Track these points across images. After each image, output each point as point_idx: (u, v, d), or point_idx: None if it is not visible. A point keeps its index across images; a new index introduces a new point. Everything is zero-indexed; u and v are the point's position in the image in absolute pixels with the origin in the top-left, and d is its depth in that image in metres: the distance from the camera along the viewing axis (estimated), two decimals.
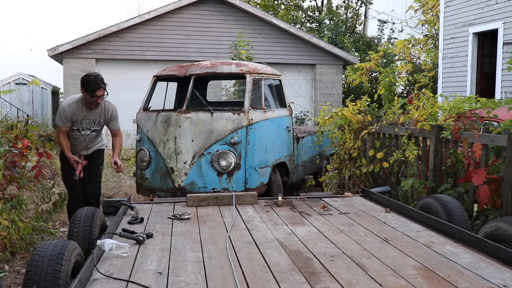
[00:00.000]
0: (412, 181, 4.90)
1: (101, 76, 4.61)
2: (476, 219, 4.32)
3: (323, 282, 2.44)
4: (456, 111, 5.26)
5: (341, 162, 6.57)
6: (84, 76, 4.59)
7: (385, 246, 3.06)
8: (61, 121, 4.70)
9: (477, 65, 11.63)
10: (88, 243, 3.10)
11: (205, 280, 2.47)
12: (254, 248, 3.02)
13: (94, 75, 4.56)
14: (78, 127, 4.78)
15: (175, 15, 14.15)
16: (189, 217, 3.83)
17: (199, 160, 5.43)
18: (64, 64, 13.63)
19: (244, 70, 5.89)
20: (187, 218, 3.82)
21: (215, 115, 5.52)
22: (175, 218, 3.83)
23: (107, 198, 6.94)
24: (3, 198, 4.61)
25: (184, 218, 3.82)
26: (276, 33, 14.79)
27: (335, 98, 15.00)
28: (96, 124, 4.87)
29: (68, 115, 4.67)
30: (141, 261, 2.76)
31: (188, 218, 3.82)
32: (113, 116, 4.93)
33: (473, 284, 2.40)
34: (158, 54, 13.94)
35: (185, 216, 3.84)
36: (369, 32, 23.31)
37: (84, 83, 4.54)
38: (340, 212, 4.02)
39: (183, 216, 3.84)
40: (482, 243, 2.91)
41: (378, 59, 11.96)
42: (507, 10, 10.50)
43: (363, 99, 6.57)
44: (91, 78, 4.51)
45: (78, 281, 2.25)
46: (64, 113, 4.67)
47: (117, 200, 4.14)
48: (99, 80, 4.52)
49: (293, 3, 24.51)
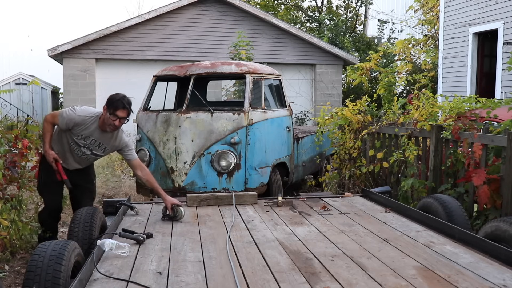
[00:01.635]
0: (412, 181, 4.90)
1: (129, 99, 4.11)
2: (476, 219, 4.32)
3: (323, 282, 2.44)
4: (456, 111, 5.26)
5: (341, 162, 6.57)
6: (113, 94, 4.13)
7: (385, 246, 3.06)
8: (63, 122, 4.11)
9: (477, 65, 11.63)
10: (88, 243, 3.10)
11: (205, 280, 2.47)
12: (254, 248, 3.02)
13: (122, 94, 4.10)
14: (79, 142, 4.19)
15: (175, 15, 14.15)
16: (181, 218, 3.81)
17: (199, 160, 5.43)
18: (64, 64, 13.63)
19: (244, 70, 5.90)
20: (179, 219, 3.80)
21: (215, 115, 5.52)
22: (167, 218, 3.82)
23: (107, 198, 6.93)
24: (3, 198, 4.60)
25: (177, 218, 3.80)
26: (276, 33, 14.78)
27: (335, 98, 15.00)
28: (101, 149, 4.26)
29: (74, 124, 4.10)
30: (141, 261, 2.76)
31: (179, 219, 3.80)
32: (125, 146, 4.25)
33: (473, 284, 2.40)
34: (158, 54, 13.94)
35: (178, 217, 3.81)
36: (369, 32, 23.31)
37: (109, 99, 4.07)
38: (340, 212, 4.02)
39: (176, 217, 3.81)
40: (482, 243, 2.91)
41: (378, 59, 11.94)
42: (507, 10, 10.50)
43: (363, 99, 6.57)
44: (119, 95, 4.06)
45: (78, 281, 2.25)
46: (73, 120, 4.10)
47: (117, 200, 4.14)
48: (126, 100, 4.05)
49: (293, 3, 24.51)
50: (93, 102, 13.60)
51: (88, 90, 13.58)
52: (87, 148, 4.22)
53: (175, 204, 3.88)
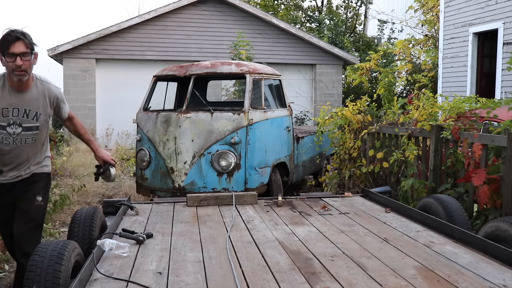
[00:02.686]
0: (412, 181, 4.90)
1: (24, 30, 3.05)
2: (476, 219, 4.31)
3: (323, 282, 2.44)
4: (456, 111, 5.26)
5: (341, 162, 6.57)
6: None
7: (385, 246, 3.06)
8: None
9: (477, 65, 11.63)
10: (88, 243, 3.09)
11: (205, 280, 2.47)
12: (254, 248, 3.01)
13: (12, 28, 3.03)
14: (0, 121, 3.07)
15: (175, 15, 14.15)
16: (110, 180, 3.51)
17: (199, 160, 5.43)
18: (64, 64, 13.63)
19: (244, 70, 5.90)
20: (109, 181, 3.53)
21: (215, 115, 5.52)
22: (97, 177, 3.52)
23: (107, 198, 6.94)
24: None
25: (106, 180, 3.51)
26: (276, 33, 14.79)
27: (335, 98, 15.00)
28: (32, 117, 3.13)
29: None
30: (141, 261, 2.76)
31: (109, 181, 3.52)
32: (59, 100, 3.28)
33: (473, 284, 2.40)
34: (158, 54, 13.94)
35: (107, 179, 3.49)
36: (369, 32, 23.32)
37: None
38: (340, 212, 4.01)
39: (106, 178, 3.49)
40: (482, 243, 2.91)
41: (378, 59, 11.94)
42: (507, 10, 10.50)
43: (363, 99, 6.57)
44: (6, 31, 3.00)
45: (78, 281, 2.25)
46: None
47: (117, 200, 4.14)
48: (16, 31, 2.99)
49: (293, 3, 24.52)
50: (93, 102, 13.62)
51: (88, 90, 13.58)
52: (14, 124, 3.08)
53: (107, 161, 3.43)
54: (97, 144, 3.48)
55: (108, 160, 3.43)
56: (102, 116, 13.56)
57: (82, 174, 9.11)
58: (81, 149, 11.40)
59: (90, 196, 7.44)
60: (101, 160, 3.42)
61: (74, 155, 10.83)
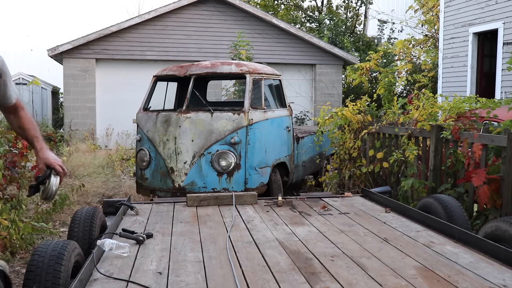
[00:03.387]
0: (412, 181, 4.90)
1: None
2: (476, 219, 4.32)
3: (323, 282, 2.44)
4: (456, 111, 5.26)
5: (341, 162, 6.57)
6: None
7: (385, 246, 3.06)
8: None
9: (477, 65, 11.63)
10: (88, 243, 3.10)
11: (205, 280, 2.47)
12: (254, 248, 3.01)
13: None
14: None
15: (175, 15, 14.15)
16: (48, 196, 2.39)
17: (199, 160, 5.43)
18: (64, 64, 13.63)
19: (244, 70, 5.90)
20: (46, 196, 2.40)
21: (215, 115, 5.52)
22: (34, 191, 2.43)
23: (107, 198, 6.94)
24: (3, 198, 4.61)
25: (43, 195, 2.39)
26: (276, 33, 14.79)
27: (335, 98, 15.00)
28: None
29: None
30: (141, 261, 2.76)
31: (46, 196, 2.39)
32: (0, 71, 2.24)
33: (473, 284, 2.40)
34: (158, 54, 13.94)
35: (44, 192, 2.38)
36: (369, 32, 23.31)
37: None
38: (340, 212, 4.01)
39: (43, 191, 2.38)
40: (482, 243, 2.91)
41: (378, 59, 11.96)
42: (507, 10, 10.50)
43: (363, 99, 6.57)
44: None
45: (78, 281, 2.25)
46: None
47: (117, 200, 4.14)
48: None
49: (293, 3, 24.52)
50: (93, 102, 13.62)
51: (88, 90, 13.58)
52: None
53: (50, 165, 2.38)
54: (44, 145, 2.46)
55: (53, 164, 2.37)
56: (102, 116, 13.56)
57: (82, 174, 9.12)
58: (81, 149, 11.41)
59: (90, 196, 7.44)
60: (43, 164, 2.38)
61: (74, 155, 10.83)
